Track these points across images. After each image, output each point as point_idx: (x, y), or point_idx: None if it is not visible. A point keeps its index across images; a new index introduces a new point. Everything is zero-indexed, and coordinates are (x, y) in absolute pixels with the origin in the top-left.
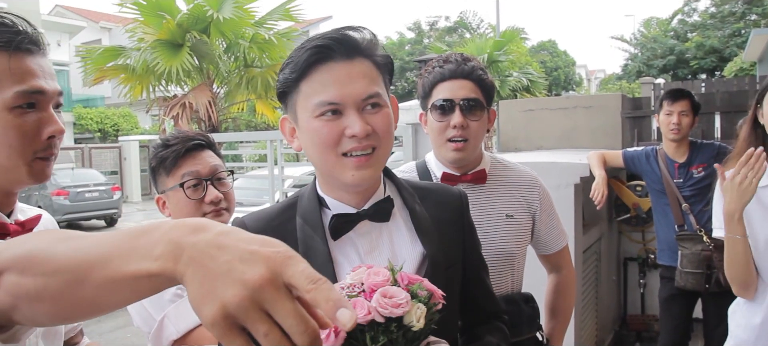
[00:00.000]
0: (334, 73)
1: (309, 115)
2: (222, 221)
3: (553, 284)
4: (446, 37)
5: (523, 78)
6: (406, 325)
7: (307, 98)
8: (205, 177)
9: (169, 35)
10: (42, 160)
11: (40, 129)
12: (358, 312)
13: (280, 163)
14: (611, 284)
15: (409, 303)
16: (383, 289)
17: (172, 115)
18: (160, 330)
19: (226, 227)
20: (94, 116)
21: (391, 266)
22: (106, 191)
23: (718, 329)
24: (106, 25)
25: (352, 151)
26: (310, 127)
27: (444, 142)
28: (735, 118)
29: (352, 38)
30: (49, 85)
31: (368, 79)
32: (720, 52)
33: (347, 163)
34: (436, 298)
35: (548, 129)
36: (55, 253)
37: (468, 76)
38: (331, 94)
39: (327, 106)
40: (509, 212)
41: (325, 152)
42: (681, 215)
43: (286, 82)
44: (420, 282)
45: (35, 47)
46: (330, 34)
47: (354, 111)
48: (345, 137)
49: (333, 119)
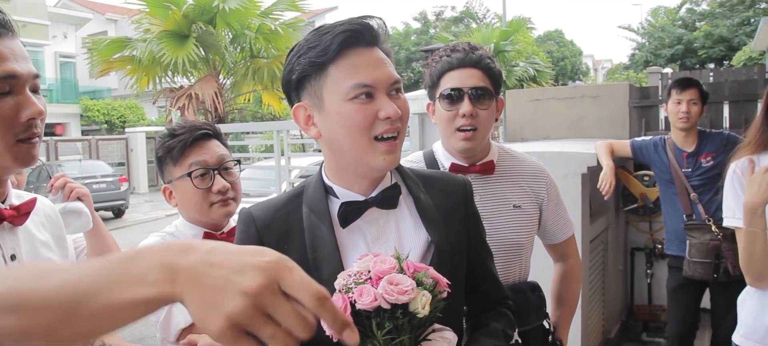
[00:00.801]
0: (364, 57)
1: (340, 98)
2: (229, 211)
3: (559, 274)
4: (452, 28)
5: (530, 68)
6: (412, 312)
7: (337, 82)
8: (212, 167)
9: (175, 26)
10: (24, 143)
11: (18, 113)
12: (365, 299)
13: (287, 153)
14: (618, 274)
15: (415, 290)
16: (389, 276)
17: (178, 107)
18: (169, 319)
19: (213, 244)
20: (101, 108)
21: (398, 255)
22: (114, 182)
23: (726, 319)
24: (112, 17)
25: (383, 134)
26: (341, 110)
27: (453, 132)
28: (743, 107)
29: (373, 26)
30: (22, 68)
31: (391, 66)
32: (728, 42)
33: (379, 147)
34: (441, 286)
35: (555, 119)
36: (38, 290)
37: (476, 65)
38: (366, 77)
39: (362, 89)
40: (517, 203)
41: (358, 135)
42: (689, 204)
43: (312, 66)
44: (425, 270)
45: (4, 30)
46: (355, 20)
47: (384, 95)
48: (378, 120)
49: (366, 102)
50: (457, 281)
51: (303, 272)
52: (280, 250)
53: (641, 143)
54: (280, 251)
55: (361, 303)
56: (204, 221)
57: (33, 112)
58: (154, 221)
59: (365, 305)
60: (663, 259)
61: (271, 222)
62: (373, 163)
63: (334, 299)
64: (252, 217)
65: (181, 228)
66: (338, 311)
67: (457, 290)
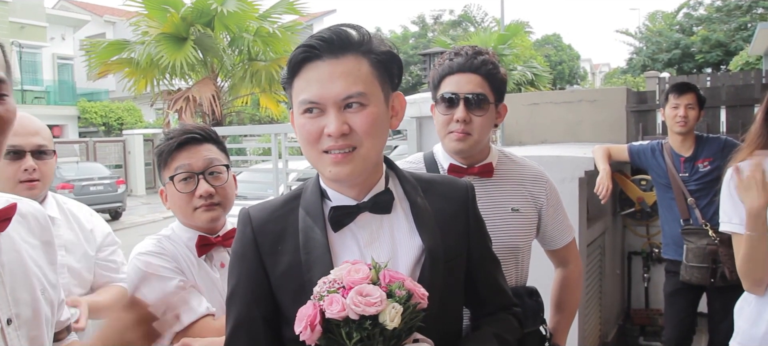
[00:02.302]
0: (318, 72)
1: (297, 111)
2: (213, 216)
3: (559, 279)
4: (450, 31)
5: (528, 72)
6: (381, 323)
7: (296, 95)
8: (197, 171)
9: (173, 29)
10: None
11: None
12: (334, 308)
13: (285, 156)
14: (615, 278)
15: (384, 302)
16: (360, 287)
17: (176, 109)
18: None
19: None
20: (99, 110)
21: (375, 264)
22: (111, 184)
23: (723, 324)
24: (110, 19)
25: (330, 149)
26: (297, 122)
27: (446, 134)
28: (740, 112)
29: (343, 36)
30: None
31: (352, 79)
32: (726, 46)
33: (326, 159)
34: (417, 297)
35: (553, 123)
36: None
37: (476, 71)
38: (312, 93)
39: (308, 105)
40: (515, 206)
41: (309, 147)
42: (686, 209)
43: (283, 80)
44: (400, 281)
45: None
46: (321, 33)
47: (334, 110)
48: (324, 135)
49: (315, 117)
50: (454, 287)
51: None
52: (274, 250)
53: (639, 148)
54: (274, 251)
55: (330, 312)
56: (192, 224)
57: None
58: (151, 223)
59: (334, 315)
60: (660, 263)
61: (267, 223)
62: (324, 173)
63: (306, 306)
64: (249, 217)
65: (177, 231)
66: None
67: (455, 294)
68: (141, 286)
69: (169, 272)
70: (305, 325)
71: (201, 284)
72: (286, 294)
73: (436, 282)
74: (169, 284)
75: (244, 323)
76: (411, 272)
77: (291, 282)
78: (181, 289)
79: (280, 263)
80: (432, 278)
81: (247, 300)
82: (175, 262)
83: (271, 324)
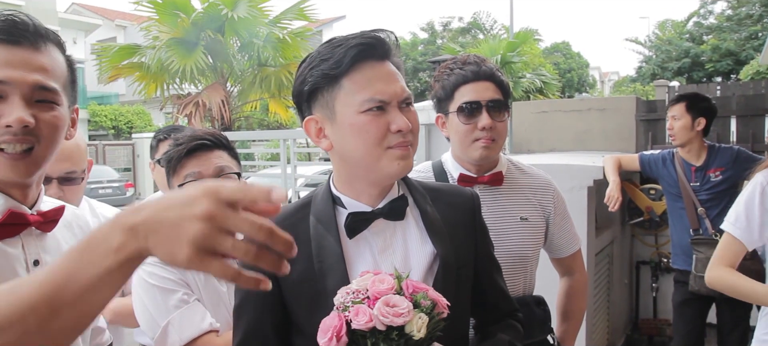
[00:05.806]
0: (377, 70)
1: (353, 110)
2: None
3: (565, 288)
4: (460, 38)
5: (537, 79)
6: (408, 334)
7: (350, 94)
8: (207, 178)
9: (184, 34)
10: None
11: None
12: (361, 319)
13: (293, 161)
14: (623, 287)
15: (411, 313)
16: (386, 297)
17: (185, 114)
18: (164, 337)
19: (156, 196)
20: (109, 113)
21: (398, 274)
22: (120, 187)
23: (733, 335)
24: (121, 23)
25: (396, 145)
26: (354, 122)
27: (471, 143)
28: (751, 122)
29: (385, 40)
30: (9, 76)
31: (402, 80)
32: (736, 55)
33: (391, 154)
34: (440, 307)
35: (561, 131)
36: (13, 302)
37: (490, 78)
38: (379, 91)
39: (375, 103)
40: (523, 215)
41: (372, 146)
42: (696, 218)
43: (325, 78)
44: (425, 292)
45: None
46: (368, 34)
47: (396, 108)
48: (390, 133)
49: (378, 115)
50: (463, 294)
51: (238, 182)
52: None
53: (650, 157)
54: None
55: (356, 323)
56: None
57: (9, 121)
58: None
59: (360, 325)
60: (668, 273)
61: None
62: (388, 170)
63: (331, 317)
64: None
65: None
66: (261, 187)
67: (463, 302)
68: (144, 297)
69: (173, 285)
70: (330, 336)
71: (206, 298)
72: (299, 303)
73: (449, 289)
74: (172, 297)
75: (255, 331)
76: (424, 280)
77: (305, 291)
78: (183, 302)
79: (293, 271)
80: (445, 286)
81: (259, 308)
82: (181, 274)
83: (281, 333)
